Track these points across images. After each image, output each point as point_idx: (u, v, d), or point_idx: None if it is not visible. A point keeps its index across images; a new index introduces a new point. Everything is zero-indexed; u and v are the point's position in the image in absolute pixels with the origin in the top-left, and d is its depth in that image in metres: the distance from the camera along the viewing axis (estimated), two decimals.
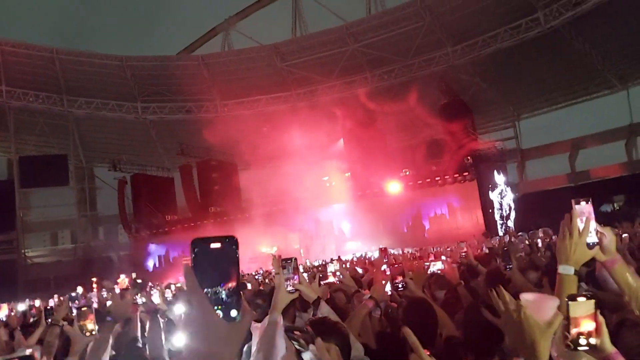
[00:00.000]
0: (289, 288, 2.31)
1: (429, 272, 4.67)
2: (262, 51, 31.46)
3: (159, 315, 4.01)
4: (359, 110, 26.34)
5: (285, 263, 2.48)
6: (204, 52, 33.25)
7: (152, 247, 32.26)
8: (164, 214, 32.44)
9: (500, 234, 21.20)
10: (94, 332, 2.61)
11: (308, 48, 30.54)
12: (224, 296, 0.92)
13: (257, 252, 30.64)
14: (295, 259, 2.61)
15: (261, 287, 6.45)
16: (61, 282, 24.05)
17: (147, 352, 3.82)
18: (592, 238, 1.66)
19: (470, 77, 28.98)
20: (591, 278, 2.97)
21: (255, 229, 29.23)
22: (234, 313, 0.93)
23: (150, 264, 32.30)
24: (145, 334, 4.03)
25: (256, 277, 13.32)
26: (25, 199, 32.38)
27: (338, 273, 3.73)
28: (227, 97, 32.10)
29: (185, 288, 0.93)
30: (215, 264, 0.93)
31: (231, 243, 0.95)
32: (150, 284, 17.24)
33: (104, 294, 12.72)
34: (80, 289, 14.08)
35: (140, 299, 4.01)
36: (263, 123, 26.79)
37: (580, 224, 1.65)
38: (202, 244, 0.94)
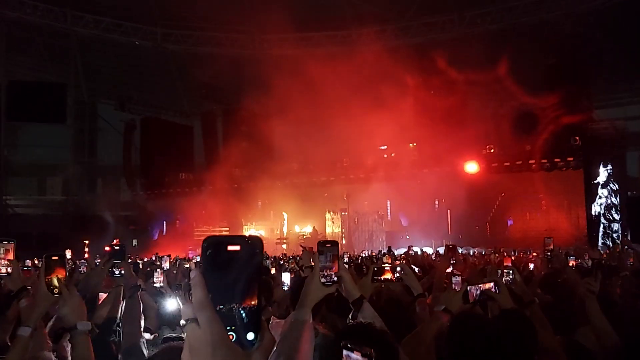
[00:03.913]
0: (324, 280, 2.24)
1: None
2: None
3: (138, 294, 4.05)
4: (437, 63, 25.75)
5: (324, 248, 2.35)
6: None
7: (159, 211, 32.98)
8: (177, 171, 32.94)
9: (608, 242, 20.65)
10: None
11: None
12: (242, 316, 0.91)
13: (287, 231, 30.87)
14: (337, 243, 2.47)
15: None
16: (46, 241, 24.75)
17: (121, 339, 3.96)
18: None
19: (591, 31, 27.72)
20: None
21: (287, 203, 29.41)
22: (250, 336, 0.92)
23: (155, 230, 33.09)
24: (119, 315, 4.11)
25: (281, 262, 13.37)
26: (11, 134, 33.45)
27: (399, 269, 3.62)
28: (269, 30, 31.82)
29: (192, 301, 0.92)
30: (232, 272, 0.92)
31: (254, 246, 0.95)
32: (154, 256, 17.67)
33: (98, 261, 12.99)
34: (68, 253, 14.32)
35: (117, 271, 4.14)
36: (311, 67, 26.47)
37: None
38: (216, 244, 0.94)
